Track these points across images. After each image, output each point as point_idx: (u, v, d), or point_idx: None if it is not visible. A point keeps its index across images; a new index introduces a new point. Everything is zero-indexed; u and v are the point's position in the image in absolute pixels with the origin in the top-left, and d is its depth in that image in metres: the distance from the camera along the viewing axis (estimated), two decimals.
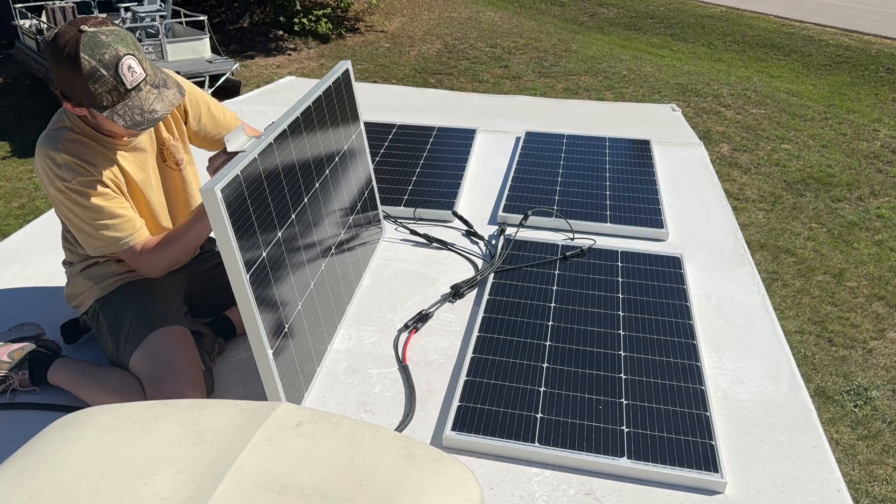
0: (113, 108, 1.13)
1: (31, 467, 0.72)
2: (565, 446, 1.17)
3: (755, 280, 1.73)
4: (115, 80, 1.12)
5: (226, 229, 1.03)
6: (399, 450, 0.75)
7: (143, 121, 1.15)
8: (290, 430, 0.77)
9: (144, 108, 1.15)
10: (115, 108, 1.13)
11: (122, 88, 1.13)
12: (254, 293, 1.09)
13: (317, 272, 1.35)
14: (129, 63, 1.13)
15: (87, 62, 1.10)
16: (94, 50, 1.10)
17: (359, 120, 1.68)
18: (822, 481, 1.15)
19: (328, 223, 1.43)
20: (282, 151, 1.25)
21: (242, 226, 1.08)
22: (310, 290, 1.31)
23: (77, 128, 1.23)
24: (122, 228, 1.22)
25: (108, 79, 1.12)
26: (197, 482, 0.70)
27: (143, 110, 1.15)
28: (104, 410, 0.80)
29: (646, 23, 9.69)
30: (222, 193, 1.02)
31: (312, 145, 1.38)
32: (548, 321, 1.48)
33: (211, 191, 1.01)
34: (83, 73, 1.10)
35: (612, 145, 2.42)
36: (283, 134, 1.25)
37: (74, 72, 1.10)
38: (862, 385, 3.02)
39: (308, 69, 7.86)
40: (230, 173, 1.06)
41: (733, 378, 1.39)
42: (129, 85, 1.14)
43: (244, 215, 1.09)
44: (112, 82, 1.12)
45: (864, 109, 6.60)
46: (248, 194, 1.11)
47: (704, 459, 1.16)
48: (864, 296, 3.69)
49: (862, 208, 4.72)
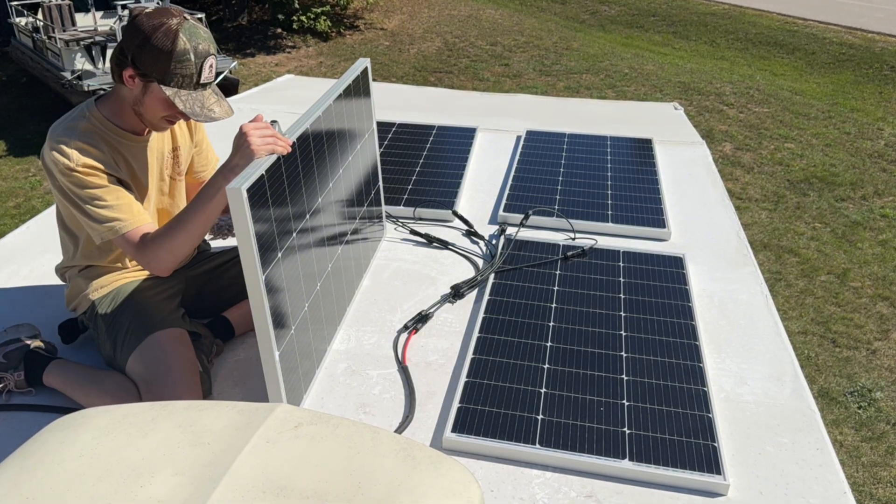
0: (178, 92, 1.18)
1: (28, 469, 0.72)
2: (566, 448, 1.17)
3: (758, 280, 1.72)
4: (195, 70, 1.18)
5: (248, 229, 1.02)
6: (398, 452, 0.75)
7: (201, 114, 1.20)
8: (288, 431, 0.77)
9: (205, 105, 1.21)
10: (180, 93, 1.19)
11: (197, 79, 1.20)
12: (268, 294, 1.08)
13: (324, 272, 1.35)
14: (212, 62, 1.21)
15: (183, 42, 1.16)
16: (192, 36, 1.18)
17: (373, 118, 1.67)
18: (826, 483, 1.15)
19: (338, 222, 1.42)
20: (303, 151, 1.24)
21: (263, 226, 1.08)
22: (317, 290, 1.31)
23: (96, 120, 1.25)
24: (121, 210, 1.22)
25: (191, 65, 1.18)
26: (195, 484, 0.69)
27: (203, 106, 1.21)
28: (101, 412, 0.79)
29: (648, 20, 9.66)
30: (248, 193, 1.01)
31: (330, 143, 1.37)
32: (549, 322, 1.47)
33: (237, 190, 0.99)
34: (175, 49, 1.16)
35: (614, 144, 2.41)
36: (305, 133, 1.25)
37: (166, 46, 1.15)
38: (866, 386, 3.00)
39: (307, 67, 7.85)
40: (255, 172, 1.05)
41: (736, 379, 1.38)
42: (204, 80, 1.21)
43: (265, 215, 1.08)
44: (192, 70, 1.18)
45: (868, 108, 6.57)
46: (270, 195, 1.10)
47: (707, 461, 1.15)
48: (868, 296, 3.67)
49: (866, 208, 4.70)
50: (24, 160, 5.52)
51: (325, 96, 1.37)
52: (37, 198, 4.82)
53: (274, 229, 1.11)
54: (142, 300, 1.32)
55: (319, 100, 1.35)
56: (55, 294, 1.62)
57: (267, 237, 1.08)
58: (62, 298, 1.60)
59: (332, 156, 1.38)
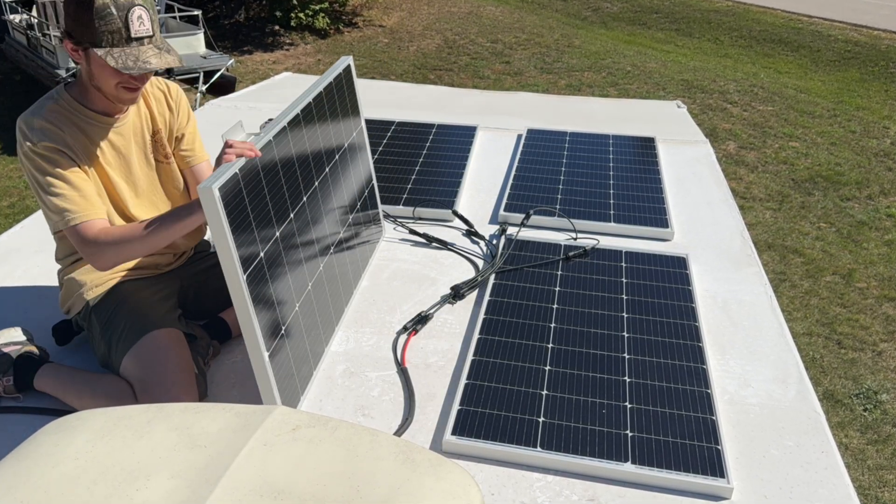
0: (110, 50, 1.14)
1: (21, 473, 0.71)
2: (568, 451, 1.15)
3: (762, 281, 1.71)
4: (121, 23, 1.13)
5: (223, 228, 1.02)
6: (398, 454, 0.74)
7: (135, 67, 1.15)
8: (286, 434, 0.76)
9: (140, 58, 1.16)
10: (112, 51, 1.14)
11: (126, 34, 1.14)
12: (250, 294, 1.07)
13: (315, 272, 1.34)
14: (139, 13, 1.15)
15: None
16: None
17: (360, 117, 1.66)
18: (831, 487, 1.13)
19: (327, 222, 1.41)
20: (281, 149, 1.23)
21: (240, 225, 1.07)
22: (308, 290, 1.30)
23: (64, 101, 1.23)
24: (73, 202, 1.18)
25: (115, 19, 1.13)
26: (191, 488, 0.68)
27: (137, 59, 1.15)
28: (96, 414, 0.79)
29: (650, 18, 9.62)
30: (220, 192, 1.01)
31: (312, 142, 1.36)
32: (550, 323, 1.46)
33: (208, 189, 0.99)
34: (95, 6, 1.11)
35: (616, 143, 2.40)
36: (283, 131, 1.24)
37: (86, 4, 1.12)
38: (872, 388, 2.98)
39: (305, 65, 7.83)
40: (228, 171, 1.05)
41: (740, 381, 1.37)
42: (134, 34, 1.15)
43: (242, 214, 1.07)
44: (118, 24, 1.13)
45: (874, 106, 6.52)
46: (247, 193, 1.09)
47: (710, 464, 1.14)
48: (873, 297, 3.65)
49: (872, 207, 4.67)
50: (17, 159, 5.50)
51: (305, 94, 1.35)
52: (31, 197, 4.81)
53: (254, 229, 1.10)
54: (138, 300, 1.30)
55: (298, 98, 1.33)
56: (50, 295, 1.61)
57: (246, 238, 1.07)
58: (57, 299, 1.58)
59: (316, 155, 1.37)
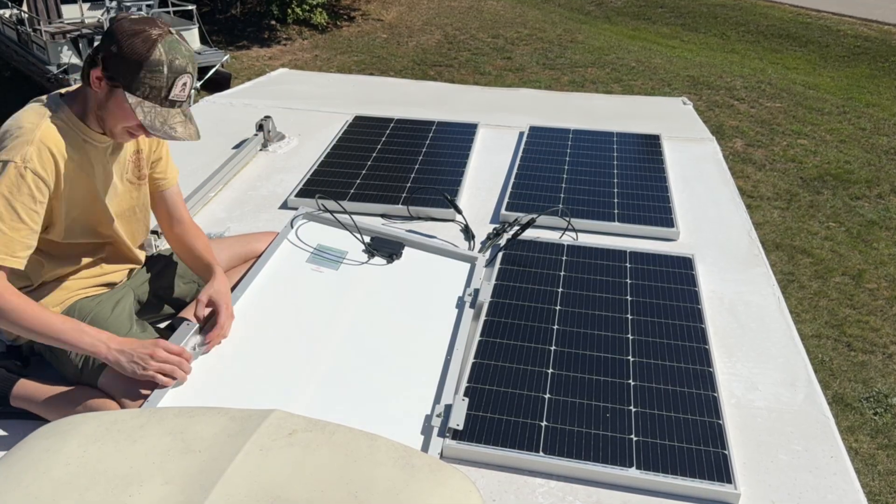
0: (142, 102, 1.15)
1: (12, 478, 0.70)
2: (571, 456, 1.14)
3: (770, 281, 1.68)
4: (165, 84, 1.15)
5: None
6: (397, 460, 0.73)
7: (160, 129, 1.16)
8: (282, 438, 0.75)
9: (167, 122, 1.18)
10: (144, 104, 1.15)
11: (165, 95, 1.16)
12: None
13: None
14: (185, 81, 1.17)
15: (159, 53, 1.13)
16: (171, 50, 1.15)
17: None
18: (841, 493, 1.12)
19: None
20: None
21: None
22: None
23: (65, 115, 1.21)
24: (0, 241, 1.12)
25: (162, 77, 1.14)
26: (185, 494, 0.67)
27: (164, 122, 1.17)
28: (88, 418, 0.78)
29: (655, 12, 9.54)
30: None
31: None
32: (552, 325, 1.44)
33: None
34: (149, 58, 1.13)
35: (620, 140, 2.37)
36: None
37: (141, 53, 1.12)
38: (882, 392, 2.94)
39: (302, 61, 7.79)
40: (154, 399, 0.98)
41: (747, 384, 1.35)
42: (174, 98, 1.17)
43: None
44: (162, 84, 1.15)
45: (884, 103, 6.44)
46: None
47: (717, 470, 1.12)
48: (884, 298, 3.60)
49: (882, 206, 4.62)
50: None
51: None
52: None
53: None
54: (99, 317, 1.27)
55: None
56: None
57: None
58: None
59: None
